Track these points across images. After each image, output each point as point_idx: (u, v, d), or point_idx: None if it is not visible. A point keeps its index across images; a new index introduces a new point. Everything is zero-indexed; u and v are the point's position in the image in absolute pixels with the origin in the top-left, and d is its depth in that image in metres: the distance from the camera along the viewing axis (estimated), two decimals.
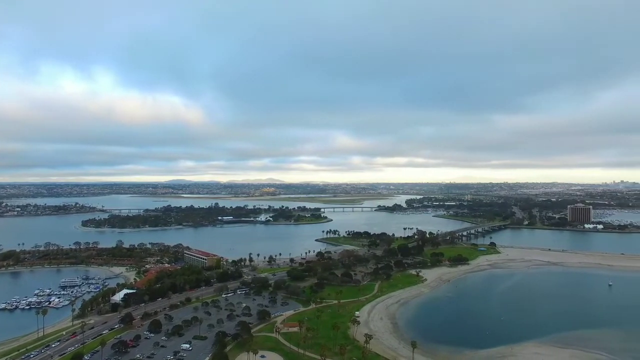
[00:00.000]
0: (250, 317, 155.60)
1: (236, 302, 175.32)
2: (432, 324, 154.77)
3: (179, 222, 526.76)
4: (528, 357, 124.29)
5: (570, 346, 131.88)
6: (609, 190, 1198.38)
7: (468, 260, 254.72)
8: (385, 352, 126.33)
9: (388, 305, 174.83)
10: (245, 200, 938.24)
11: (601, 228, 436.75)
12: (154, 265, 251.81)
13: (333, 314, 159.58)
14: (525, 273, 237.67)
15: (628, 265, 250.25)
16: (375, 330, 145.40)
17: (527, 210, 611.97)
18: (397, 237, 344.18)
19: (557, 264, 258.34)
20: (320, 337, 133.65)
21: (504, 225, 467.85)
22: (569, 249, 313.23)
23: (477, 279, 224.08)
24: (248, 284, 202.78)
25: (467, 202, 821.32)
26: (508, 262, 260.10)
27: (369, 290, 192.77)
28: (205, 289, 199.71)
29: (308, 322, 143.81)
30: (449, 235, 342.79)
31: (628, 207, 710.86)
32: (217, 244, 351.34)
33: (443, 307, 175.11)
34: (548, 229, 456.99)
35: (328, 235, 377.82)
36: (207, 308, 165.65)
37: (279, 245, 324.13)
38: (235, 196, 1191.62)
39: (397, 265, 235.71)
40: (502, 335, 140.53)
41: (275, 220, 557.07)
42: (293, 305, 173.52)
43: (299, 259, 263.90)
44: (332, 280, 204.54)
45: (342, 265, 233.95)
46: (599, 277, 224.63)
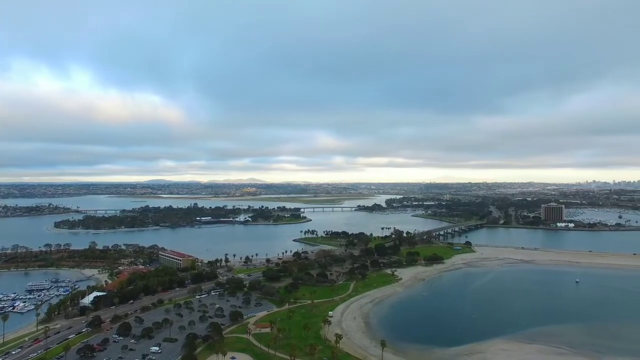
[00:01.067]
0: (223, 318, 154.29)
1: (209, 303, 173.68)
2: (405, 323, 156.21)
3: (157, 222, 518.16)
4: (495, 353, 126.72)
5: (536, 342, 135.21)
6: (581, 190, 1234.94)
7: (443, 259, 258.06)
8: (356, 352, 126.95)
9: (362, 304, 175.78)
10: (225, 201, 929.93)
11: (572, 226, 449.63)
12: (127, 266, 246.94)
13: (306, 314, 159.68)
14: (498, 271, 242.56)
15: (595, 262, 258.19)
16: (348, 330, 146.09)
17: (504, 209, 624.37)
18: (374, 236, 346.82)
19: (529, 262, 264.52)
20: (292, 338, 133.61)
21: (481, 224, 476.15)
22: (541, 247, 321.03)
23: (452, 278, 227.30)
24: (223, 284, 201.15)
25: (446, 201, 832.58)
26: (482, 261, 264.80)
27: (344, 290, 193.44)
28: (179, 290, 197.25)
29: (280, 323, 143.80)
30: (425, 234, 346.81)
31: (598, 206, 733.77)
32: (194, 244, 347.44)
33: (416, 306, 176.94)
34: (523, 227, 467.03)
35: (306, 236, 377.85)
36: (179, 310, 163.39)
37: (257, 245, 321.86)
38: (215, 196, 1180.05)
39: (373, 264, 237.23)
40: (472, 332, 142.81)
41: (254, 220, 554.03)
42: (267, 305, 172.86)
43: (275, 260, 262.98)
44: (308, 280, 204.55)
45: (318, 265, 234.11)
46: (568, 274, 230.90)
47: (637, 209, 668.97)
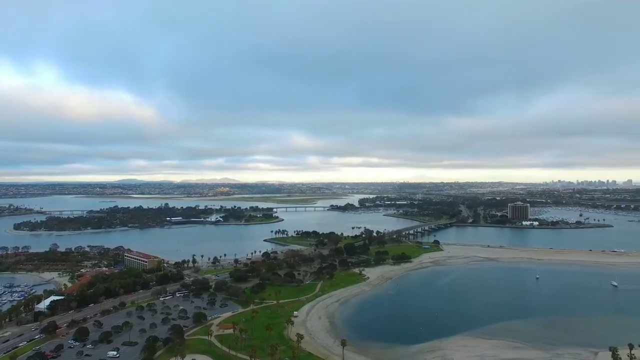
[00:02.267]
0: (186, 320, 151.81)
1: (173, 305, 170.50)
2: (369, 322, 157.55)
3: (125, 223, 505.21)
4: (455, 349, 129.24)
5: (495, 337, 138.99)
6: (548, 189, 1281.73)
7: (411, 258, 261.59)
8: (319, 351, 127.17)
9: (328, 304, 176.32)
10: (197, 201, 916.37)
11: (537, 225, 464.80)
12: (90, 269, 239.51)
13: (272, 315, 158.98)
14: (463, 269, 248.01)
15: (554, 259, 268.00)
16: (312, 330, 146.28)
17: (473, 208, 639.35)
18: (345, 236, 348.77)
19: (493, 259, 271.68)
20: (255, 339, 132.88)
21: (450, 223, 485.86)
22: (506, 245, 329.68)
23: (418, 276, 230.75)
24: (188, 286, 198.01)
25: (418, 201, 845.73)
26: (449, 259, 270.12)
27: (311, 290, 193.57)
28: (143, 292, 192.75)
29: (244, 324, 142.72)
30: (395, 233, 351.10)
31: (562, 205, 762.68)
32: (163, 245, 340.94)
33: (382, 305, 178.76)
34: (490, 226, 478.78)
35: (277, 236, 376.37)
36: (141, 312, 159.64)
37: (227, 246, 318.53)
38: (187, 196, 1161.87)
39: (341, 264, 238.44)
40: (435, 330, 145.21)
41: (225, 220, 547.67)
42: (232, 306, 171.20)
43: (244, 260, 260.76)
44: (275, 280, 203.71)
45: (287, 265, 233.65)
46: (529, 271, 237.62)
47: (596, 207, 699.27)
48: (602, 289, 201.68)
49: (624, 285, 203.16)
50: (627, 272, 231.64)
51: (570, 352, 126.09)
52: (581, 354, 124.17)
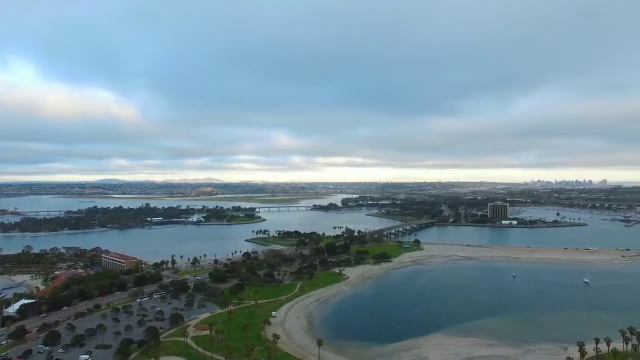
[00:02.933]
0: (163, 321, 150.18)
1: (150, 306, 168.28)
2: (348, 321, 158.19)
3: (104, 224, 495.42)
4: (431, 347, 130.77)
5: (470, 335, 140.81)
6: (527, 189, 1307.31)
7: (391, 258, 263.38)
8: (296, 351, 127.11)
9: (307, 304, 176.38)
10: (180, 201, 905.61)
11: (515, 224, 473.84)
12: (65, 271, 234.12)
13: (250, 315, 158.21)
14: (443, 268, 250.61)
15: (531, 257, 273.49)
16: (290, 330, 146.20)
17: (455, 208, 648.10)
18: (327, 236, 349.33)
19: (472, 258, 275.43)
20: (232, 339, 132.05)
21: (431, 222, 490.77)
22: (485, 244, 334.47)
23: (398, 276, 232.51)
24: (166, 287, 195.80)
25: (401, 201, 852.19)
26: (428, 259, 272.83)
27: (290, 290, 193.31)
28: (120, 294, 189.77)
29: (222, 325, 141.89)
30: (376, 233, 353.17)
31: (540, 204, 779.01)
32: (143, 246, 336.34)
33: (360, 304, 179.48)
34: (471, 225, 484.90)
35: (258, 236, 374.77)
36: (117, 314, 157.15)
37: (208, 246, 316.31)
38: (170, 196, 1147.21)
39: (321, 264, 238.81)
40: (412, 328, 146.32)
41: (207, 220, 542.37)
42: (211, 307, 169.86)
43: (224, 260, 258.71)
44: (255, 280, 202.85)
45: (267, 265, 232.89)
46: (506, 269, 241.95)
47: (573, 206, 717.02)
48: (575, 286, 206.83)
49: (595, 282, 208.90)
50: (599, 269, 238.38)
51: (541, 347, 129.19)
52: (551, 349, 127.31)
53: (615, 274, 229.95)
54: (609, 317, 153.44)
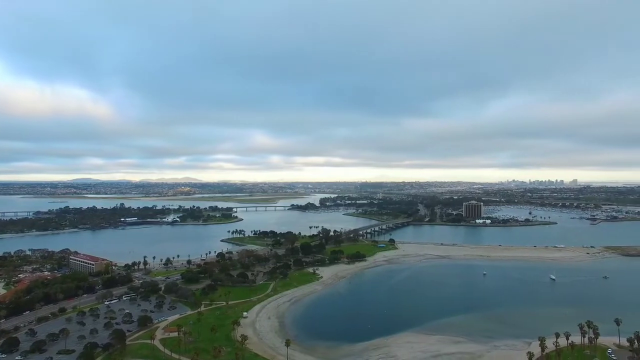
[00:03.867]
0: (131, 324, 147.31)
1: (118, 309, 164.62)
2: (319, 321, 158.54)
3: (75, 224, 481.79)
4: (400, 346, 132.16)
5: (439, 332, 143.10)
6: (502, 189, 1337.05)
7: (366, 257, 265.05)
8: (265, 352, 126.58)
9: (279, 304, 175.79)
10: (156, 200, 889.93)
11: (489, 223, 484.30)
12: (30, 274, 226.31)
13: (221, 316, 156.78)
14: (416, 267, 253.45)
15: (502, 255, 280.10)
16: (260, 330, 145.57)
17: (431, 207, 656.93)
18: (302, 235, 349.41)
19: (445, 257, 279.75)
20: (200, 341, 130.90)
21: (407, 222, 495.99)
22: (458, 242, 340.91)
23: (372, 275, 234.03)
24: (136, 288, 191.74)
25: (378, 200, 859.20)
26: (403, 257, 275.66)
27: (263, 290, 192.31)
28: (87, 296, 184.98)
29: (191, 326, 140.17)
30: (352, 233, 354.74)
31: (514, 204, 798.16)
32: (115, 247, 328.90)
33: (333, 304, 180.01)
34: (446, 224, 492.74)
35: (234, 236, 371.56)
36: (82, 318, 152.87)
37: (183, 246, 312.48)
38: (146, 196, 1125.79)
39: (296, 263, 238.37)
40: (382, 327, 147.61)
41: (183, 220, 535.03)
42: (181, 309, 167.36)
43: (198, 261, 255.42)
44: (228, 281, 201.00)
45: (241, 266, 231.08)
46: (477, 267, 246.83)
47: (544, 205, 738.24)
48: (542, 282, 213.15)
49: (561, 278, 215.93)
50: (565, 266, 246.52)
51: (506, 343, 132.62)
52: (516, 344, 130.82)
53: (579, 270, 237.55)
54: (571, 311, 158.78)
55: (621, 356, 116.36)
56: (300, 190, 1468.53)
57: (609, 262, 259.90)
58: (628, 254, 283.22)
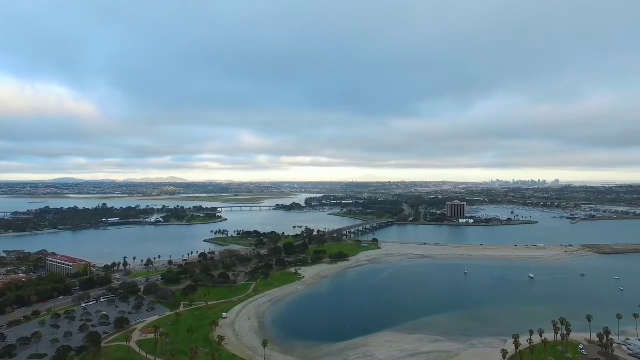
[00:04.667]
0: (108, 326, 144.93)
1: (95, 310, 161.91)
2: (299, 321, 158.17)
3: (55, 225, 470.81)
4: (379, 345, 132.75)
5: (418, 332, 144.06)
6: (487, 189, 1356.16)
7: (348, 257, 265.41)
8: (243, 352, 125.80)
9: (260, 304, 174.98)
10: (140, 201, 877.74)
11: (472, 222, 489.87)
12: (4, 276, 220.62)
13: (200, 317, 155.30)
14: (398, 266, 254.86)
15: (483, 255, 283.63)
16: (240, 331, 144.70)
17: (416, 207, 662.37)
18: (286, 235, 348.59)
19: (427, 256, 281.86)
20: (178, 342, 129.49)
21: (392, 222, 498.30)
22: (441, 242, 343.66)
23: (354, 275, 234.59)
24: (115, 290, 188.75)
25: (364, 200, 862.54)
26: (385, 257, 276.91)
27: (244, 290, 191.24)
28: (64, 299, 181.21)
29: (169, 327, 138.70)
30: (336, 232, 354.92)
31: (497, 203, 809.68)
32: (96, 248, 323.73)
33: (314, 304, 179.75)
34: (430, 224, 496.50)
35: (217, 236, 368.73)
36: (57, 321, 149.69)
37: (165, 247, 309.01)
38: (129, 196, 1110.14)
39: (278, 263, 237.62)
40: (362, 327, 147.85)
41: (166, 220, 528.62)
42: (160, 309, 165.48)
43: (179, 261, 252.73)
44: (208, 281, 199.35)
45: (223, 266, 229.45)
46: (459, 267, 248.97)
47: (527, 205, 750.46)
48: (520, 281, 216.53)
49: (539, 277, 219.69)
50: (543, 264, 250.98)
51: (483, 341, 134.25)
52: (492, 342, 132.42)
53: (557, 268, 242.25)
54: (548, 309, 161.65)
55: (591, 351, 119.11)
56: (286, 190, 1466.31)
57: (585, 260, 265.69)
58: (603, 252, 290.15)
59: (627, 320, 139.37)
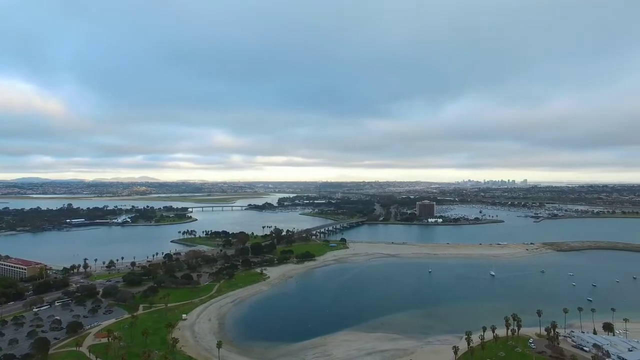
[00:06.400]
0: (59, 331, 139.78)
1: (47, 315, 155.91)
2: (260, 321, 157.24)
3: (13, 227, 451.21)
4: (337, 344, 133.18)
5: (377, 330, 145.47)
6: (458, 188, 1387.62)
7: (315, 257, 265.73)
8: (200, 354, 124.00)
9: (222, 305, 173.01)
10: (109, 201, 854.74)
11: (440, 221, 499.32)
12: None
13: (159, 319, 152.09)
14: (364, 265, 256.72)
15: (448, 253, 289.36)
16: (199, 332, 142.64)
17: (387, 207, 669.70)
18: (255, 235, 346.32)
19: (394, 255, 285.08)
20: (134, 345, 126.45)
21: (362, 221, 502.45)
22: (408, 241, 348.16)
23: (319, 274, 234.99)
24: (72, 293, 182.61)
25: (337, 200, 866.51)
26: (352, 257, 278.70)
27: (207, 291, 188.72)
28: (14, 304, 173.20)
29: (126, 330, 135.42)
30: (305, 232, 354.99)
31: (467, 203, 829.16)
32: (57, 250, 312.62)
33: (276, 304, 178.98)
34: (400, 223, 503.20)
35: (185, 236, 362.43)
36: (3, 328, 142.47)
37: (131, 248, 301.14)
38: (98, 196, 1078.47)
39: (244, 264, 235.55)
40: (322, 326, 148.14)
41: (134, 221, 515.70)
42: (119, 312, 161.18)
43: (144, 262, 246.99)
44: (171, 282, 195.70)
45: (188, 267, 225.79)
46: (424, 265, 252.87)
47: (495, 204, 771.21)
48: (482, 278, 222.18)
49: (500, 274, 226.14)
50: (505, 262, 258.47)
51: (439, 339, 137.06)
52: (449, 339, 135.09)
53: (518, 266, 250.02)
54: (506, 305, 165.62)
55: (540, 345, 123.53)
56: (260, 190, 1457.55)
57: (544, 258, 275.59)
58: (561, 249, 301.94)
59: (574, 314, 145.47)
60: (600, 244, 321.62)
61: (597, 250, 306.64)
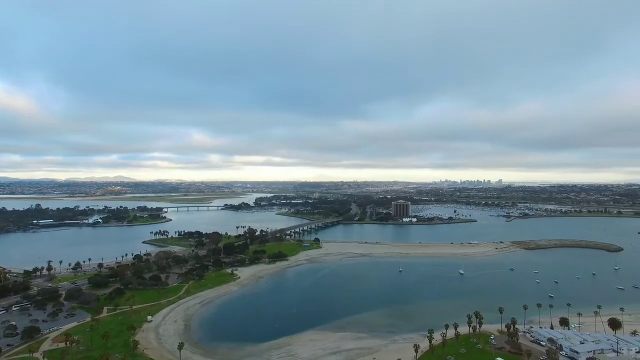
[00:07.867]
0: (14, 337, 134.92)
1: (2, 321, 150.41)
2: (227, 322, 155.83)
3: None
4: (302, 344, 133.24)
5: (343, 330, 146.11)
6: (435, 188, 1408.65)
7: (287, 257, 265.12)
8: (163, 357, 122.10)
9: (189, 306, 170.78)
10: (81, 201, 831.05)
11: (415, 221, 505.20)
12: None
13: (123, 321, 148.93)
14: (336, 265, 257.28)
15: (419, 252, 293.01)
16: (163, 334, 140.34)
17: (364, 206, 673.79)
18: (229, 235, 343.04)
19: (366, 255, 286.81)
20: (94, 349, 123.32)
21: (337, 221, 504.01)
22: (382, 241, 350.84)
23: (291, 274, 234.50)
24: (32, 297, 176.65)
25: (314, 200, 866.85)
26: (324, 256, 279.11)
27: (175, 292, 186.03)
28: None
29: (87, 334, 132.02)
30: (279, 232, 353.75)
31: (442, 202, 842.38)
32: (21, 252, 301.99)
33: (245, 305, 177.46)
34: (375, 223, 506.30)
35: (157, 237, 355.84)
36: None
37: (101, 249, 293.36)
38: (70, 196, 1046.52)
39: (215, 264, 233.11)
40: (289, 326, 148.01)
41: (106, 221, 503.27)
42: (81, 315, 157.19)
43: (112, 264, 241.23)
44: (139, 284, 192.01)
45: (157, 268, 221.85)
46: (395, 264, 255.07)
47: (469, 204, 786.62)
48: (451, 277, 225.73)
49: (468, 272, 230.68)
50: (474, 261, 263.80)
51: (405, 337, 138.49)
52: (414, 337, 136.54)
53: (486, 264, 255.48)
54: (472, 303, 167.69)
55: (500, 340, 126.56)
56: (238, 190, 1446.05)
57: (512, 256, 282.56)
58: (529, 247, 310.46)
59: (534, 310, 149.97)
60: (566, 242, 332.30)
61: (563, 248, 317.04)
